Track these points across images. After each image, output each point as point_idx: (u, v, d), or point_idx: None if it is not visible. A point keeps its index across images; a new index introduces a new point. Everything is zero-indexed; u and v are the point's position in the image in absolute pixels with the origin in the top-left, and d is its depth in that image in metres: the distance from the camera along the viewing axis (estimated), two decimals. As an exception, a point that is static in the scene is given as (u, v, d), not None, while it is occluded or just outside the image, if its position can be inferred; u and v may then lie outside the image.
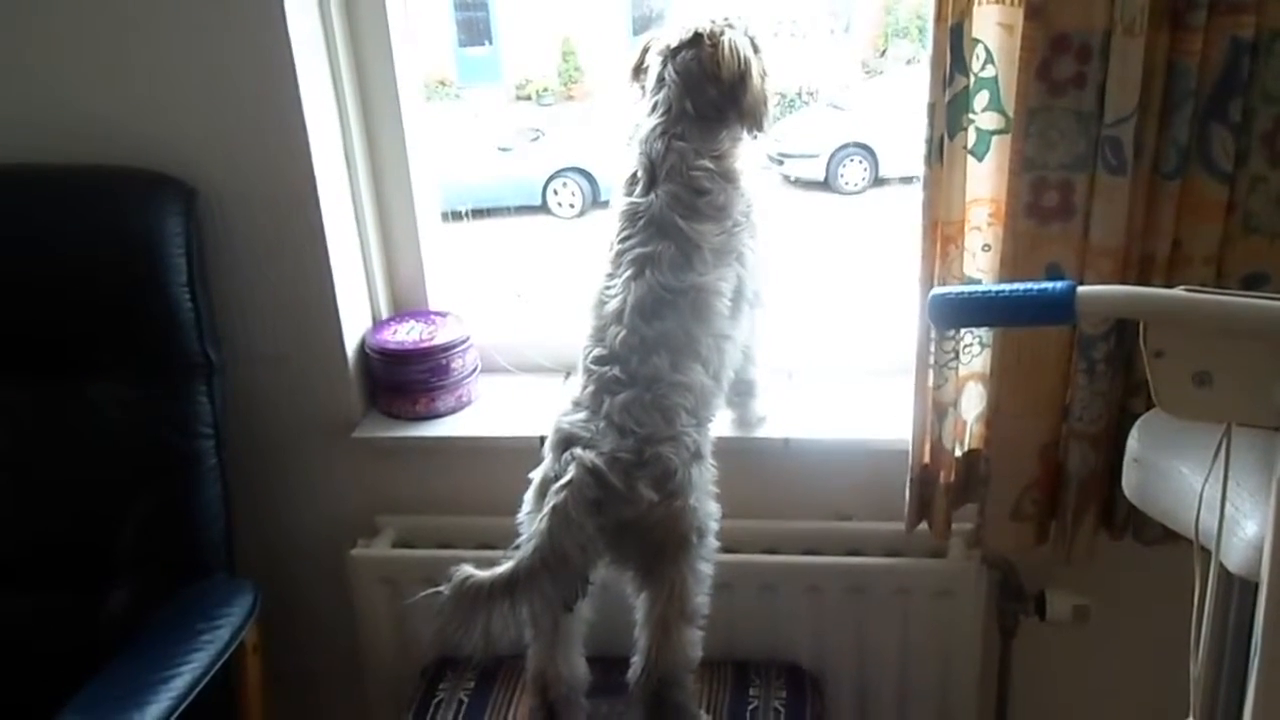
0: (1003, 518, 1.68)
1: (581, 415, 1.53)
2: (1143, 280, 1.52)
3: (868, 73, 2.48)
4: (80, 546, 1.73)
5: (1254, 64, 1.41)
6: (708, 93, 1.59)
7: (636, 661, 1.57)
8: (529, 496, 1.56)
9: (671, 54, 1.61)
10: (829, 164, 2.51)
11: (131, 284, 1.70)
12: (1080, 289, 1.08)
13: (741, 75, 1.59)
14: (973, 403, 1.68)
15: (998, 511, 1.68)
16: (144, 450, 1.73)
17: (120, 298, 1.71)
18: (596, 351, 1.56)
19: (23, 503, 1.74)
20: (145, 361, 1.73)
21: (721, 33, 1.59)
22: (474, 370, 1.94)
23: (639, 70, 1.67)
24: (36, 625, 1.72)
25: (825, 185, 2.52)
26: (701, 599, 1.58)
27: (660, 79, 1.61)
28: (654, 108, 1.61)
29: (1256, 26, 1.39)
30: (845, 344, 1.98)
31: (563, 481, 1.47)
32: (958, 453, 1.68)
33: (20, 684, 1.66)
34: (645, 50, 1.66)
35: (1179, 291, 1.05)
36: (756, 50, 1.62)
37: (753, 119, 1.62)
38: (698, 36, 1.59)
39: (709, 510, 1.58)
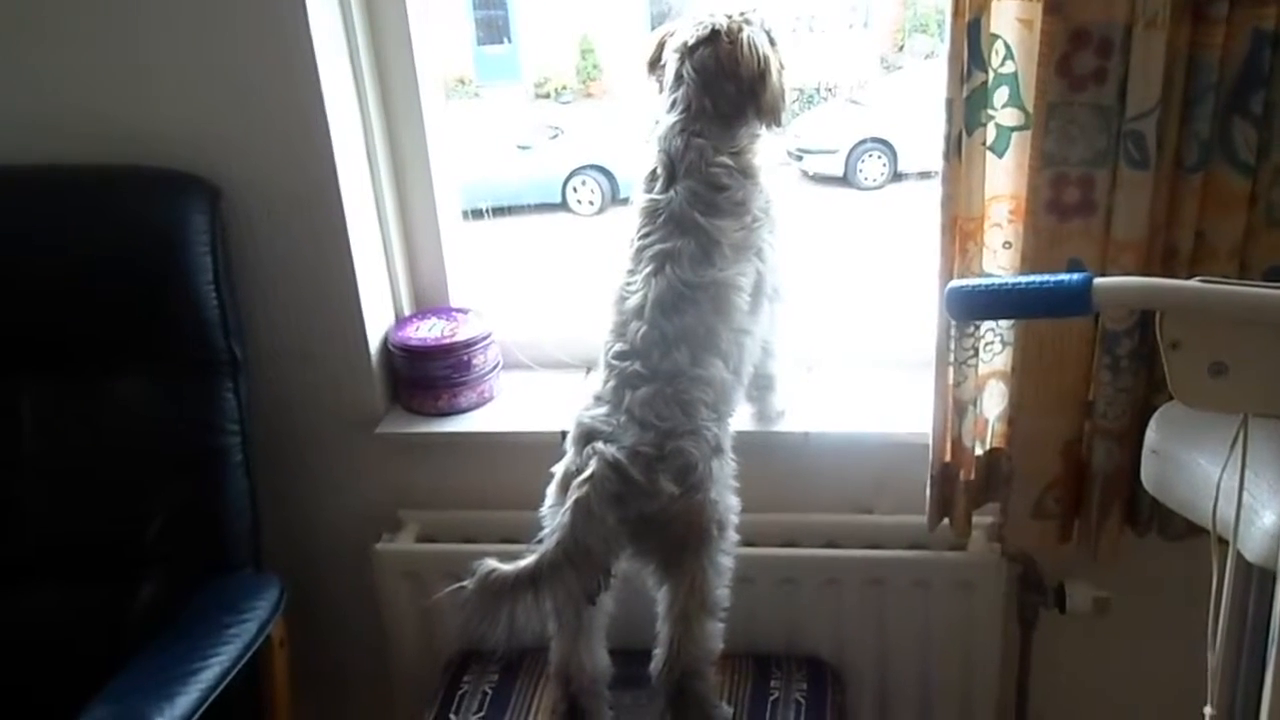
0: (1025, 516, 1.67)
1: (603, 410, 1.54)
2: (1166, 275, 1.51)
3: (886, 68, 2.47)
4: (109, 542, 1.75)
5: (1276, 56, 1.40)
6: (726, 90, 1.60)
7: (658, 654, 1.58)
8: (551, 491, 1.57)
9: (689, 51, 1.60)
10: (848, 159, 2.50)
11: (157, 282, 1.72)
12: (1097, 280, 1.08)
13: (761, 73, 1.59)
14: (994, 401, 1.67)
15: (1020, 510, 1.67)
16: (171, 446, 1.75)
17: (146, 296, 1.73)
18: (617, 347, 1.57)
19: (53, 498, 1.76)
20: (172, 358, 1.75)
21: (739, 29, 1.59)
22: (495, 366, 1.95)
23: (655, 64, 1.68)
24: (67, 619, 1.73)
25: (844, 180, 2.51)
26: (722, 592, 1.58)
27: (678, 76, 1.61)
28: (672, 105, 1.62)
29: (1278, 18, 1.38)
30: (865, 337, 1.99)
31: (584, 475, 1.48)
32: (978, 451, 1.68)
33: (50, 677, 1.69)
34: (661, 44, 1.66)
35: (1195, 282, 1.05)
36: (774, 44, 1.63)
37: (772, 115, 1.62)
38: (715, 33, 1.59)
39: (729, 504, 1.58)
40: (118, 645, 1.59)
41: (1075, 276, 1.10)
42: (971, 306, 1.20)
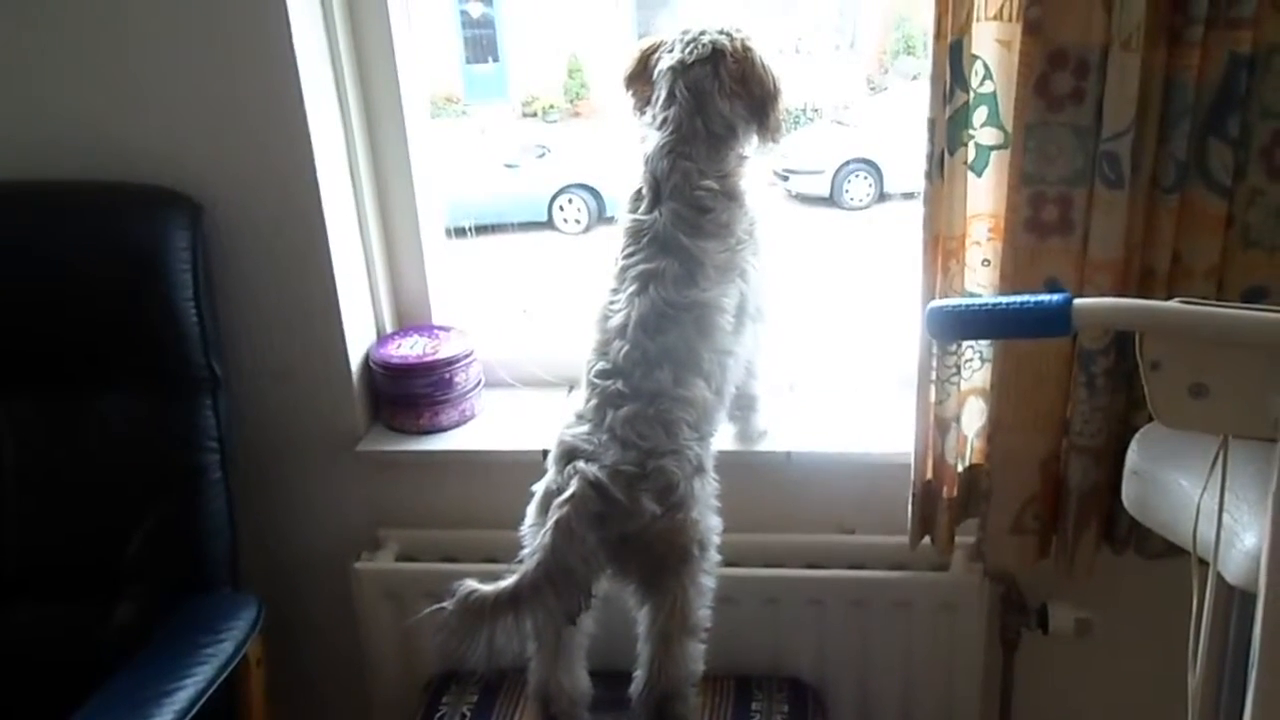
0: (1004, 532, 1.68)
1: (584, 428, 1.54)
2: (1143, 295, 1.52)
3: (872, 89, 2.49)
4: (87, 560, 1.74)
5: (1251, 79, 1.42)
6: (720, 110, 1.58)
7: (639, 675, 1.58)
8: (532, 510, 1.56)
9: (684, 70, 1.58)
10: (834, 180, 2.52)
11: (138, 298, 1.71)
12: (1076, 301, 1.08)
13: (775, 91, 1.59)
14: (974, 418, 1.68)
15: (999, 526, 1.68)
16: (150, 464, 1.74)
17: (127, 312, 1.72)
18: (600, 365, 1.57)
19: (31, 516, 1.75)
20: (151, 376, 1.74)
21: (747, 49, 1.59)
22: (477, 384, 1.94)
23: (634, 78, 1.66)
24: (43, 637, 1.72)
25: (830, 201, 2.52)
26: (703, 612, 1.58)
27: (671, 94, 1.59)
28: (662, 123, 1.60)
29: (1254, 42, 1.40)
30: (847, 358, 1.99)
31: (565, 495, 1.47)
32: (960, 468, 1.68)
33: (27, 696, 1.67)
34: (644, 59, 1.65)
35: (1174, 303, 1.06)
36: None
37: (776, 133, 1.63)
38: (718, 52, 1.57)
39: (711, 524, 1.58)
40: (94, 664, 1.57)
41: (1055, 297, 1.10)
42: (951, 327, 1.20)
